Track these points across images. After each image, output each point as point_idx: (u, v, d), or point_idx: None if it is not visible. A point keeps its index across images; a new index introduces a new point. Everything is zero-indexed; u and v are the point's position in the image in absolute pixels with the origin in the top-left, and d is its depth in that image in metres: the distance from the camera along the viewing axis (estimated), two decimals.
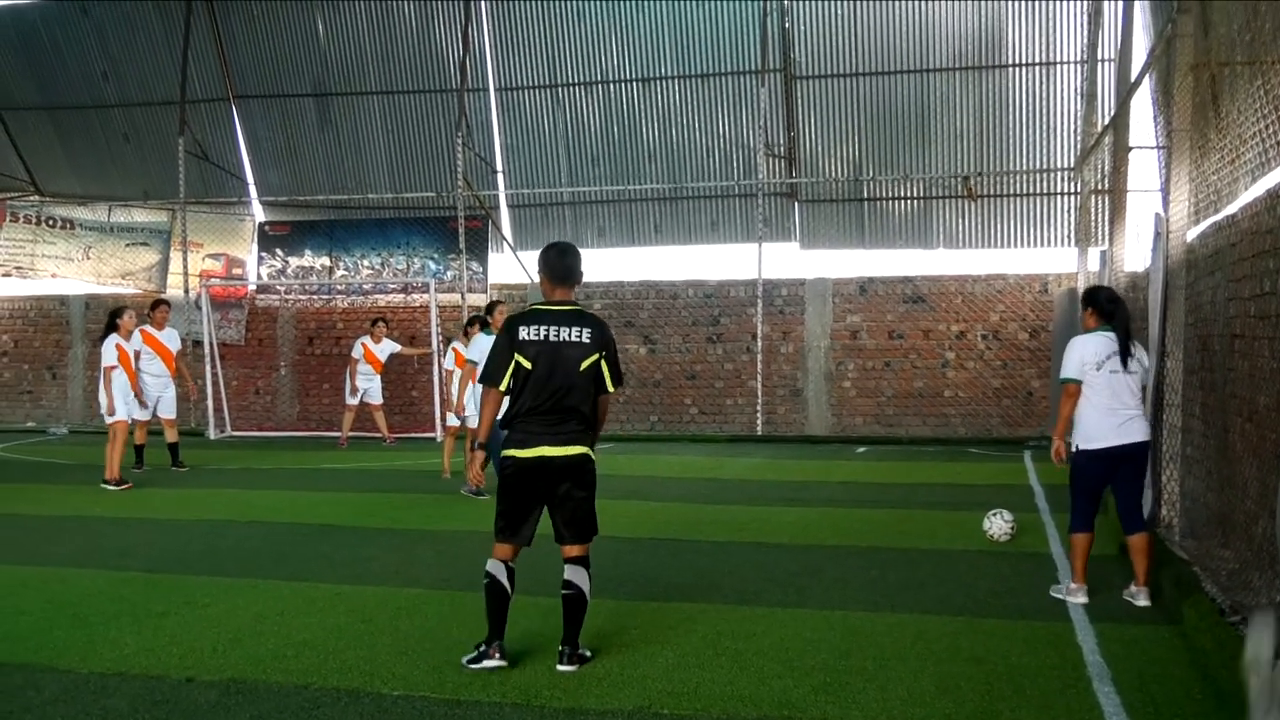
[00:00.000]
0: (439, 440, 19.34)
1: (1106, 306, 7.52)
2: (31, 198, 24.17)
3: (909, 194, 20.52)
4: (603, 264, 22.07)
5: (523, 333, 5.81)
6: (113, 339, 14.03)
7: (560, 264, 5.98)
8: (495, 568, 5.82)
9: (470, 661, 5.76)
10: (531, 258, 20.55)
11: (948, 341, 19.65)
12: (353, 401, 18.85)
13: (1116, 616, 6.89)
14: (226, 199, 23.18)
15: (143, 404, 14.28)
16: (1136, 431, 7.40)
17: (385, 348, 18.93)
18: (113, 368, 13.85)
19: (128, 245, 23.66)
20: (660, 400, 20.84)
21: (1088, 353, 7.42)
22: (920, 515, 11.09)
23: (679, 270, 21.57)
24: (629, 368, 20.73)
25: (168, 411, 14.90)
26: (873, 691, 5.43)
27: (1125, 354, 7.35)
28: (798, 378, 20.33)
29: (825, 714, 5.12)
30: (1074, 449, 7.57)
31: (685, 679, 5.63)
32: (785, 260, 20.94)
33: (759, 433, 20.01)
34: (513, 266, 21.81)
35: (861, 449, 18.29)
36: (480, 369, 6.52)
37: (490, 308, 12.84)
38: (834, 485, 13.57)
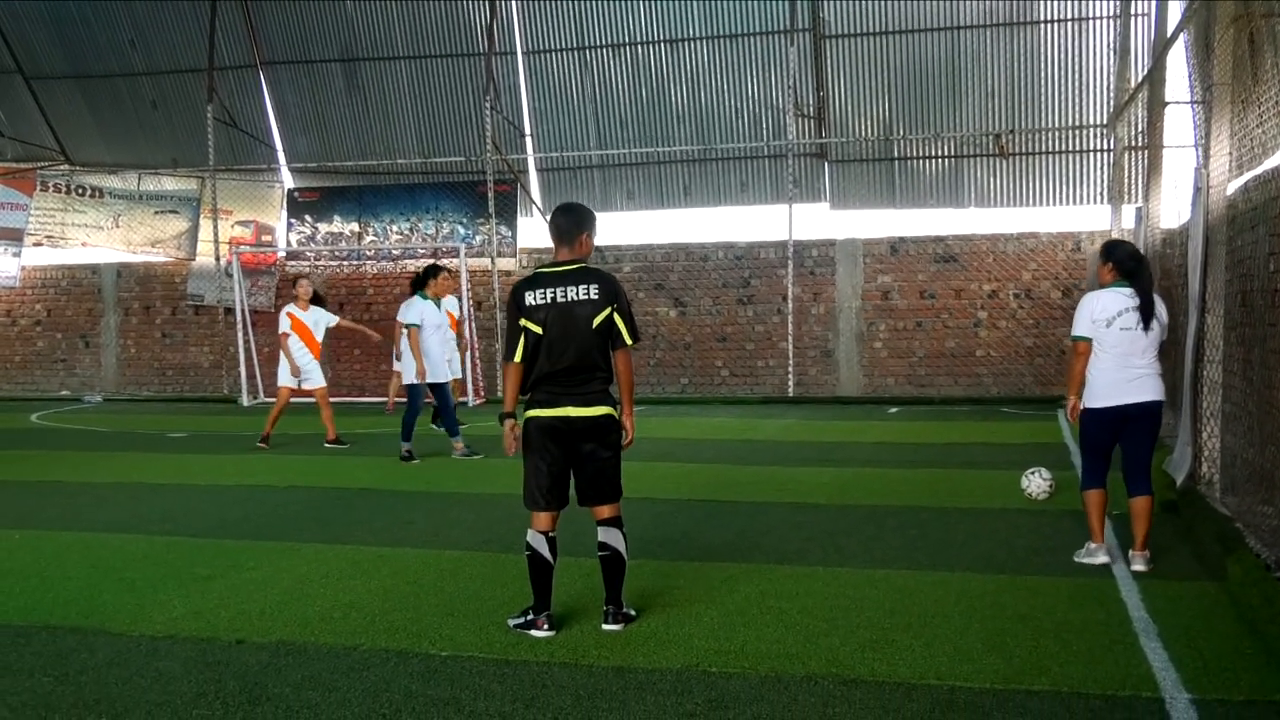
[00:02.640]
0: (470, 406, 19.42)
1: (1128, 264, 7.14)
2: (61, 167, 24.27)
3: (940, 153, 20.37)
4: (632, 227, 22.07)
5: (529, 298, 5.76)
6: (287, 307, 14.52)
7: (562, 222, 5.90)
8: (536, 540, 5.79)
9: (517, 626, 5.78)
10: None
11: (980, 301, 19.54)
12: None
13: (1160, 573, 6.84)
14: (255, 166, 23.20)
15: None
16: (1148, 390, 7.10)
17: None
18: (286, 335, 14.20)
19: (157, 213, 23.74)
20: (691, 362, 20.82)
21: (1098, 309, 7.10)
22: (956, 475, 11.06)
23: (709, 232, 21.44)
24: (659, 330, 20.72)
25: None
26: (919, 648, 5.42)
27: (1147, 313, 7.00)
28: (829, 339, 20.27)
29: (874, 671, 5.11)
30: (1084, 407, 7.29)
31: (731, 638, 5.63)
32: (815, 221, 20.87)
33: (790, 394, 19.98)
34: (541, 231, 21.77)
35: (894, 409, 18.24)
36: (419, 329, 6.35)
37: (429, 272, 12.83)
38: (868, 446, 13.54)
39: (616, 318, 5.81)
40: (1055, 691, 4.83)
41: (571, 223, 5.90)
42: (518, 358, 5.79)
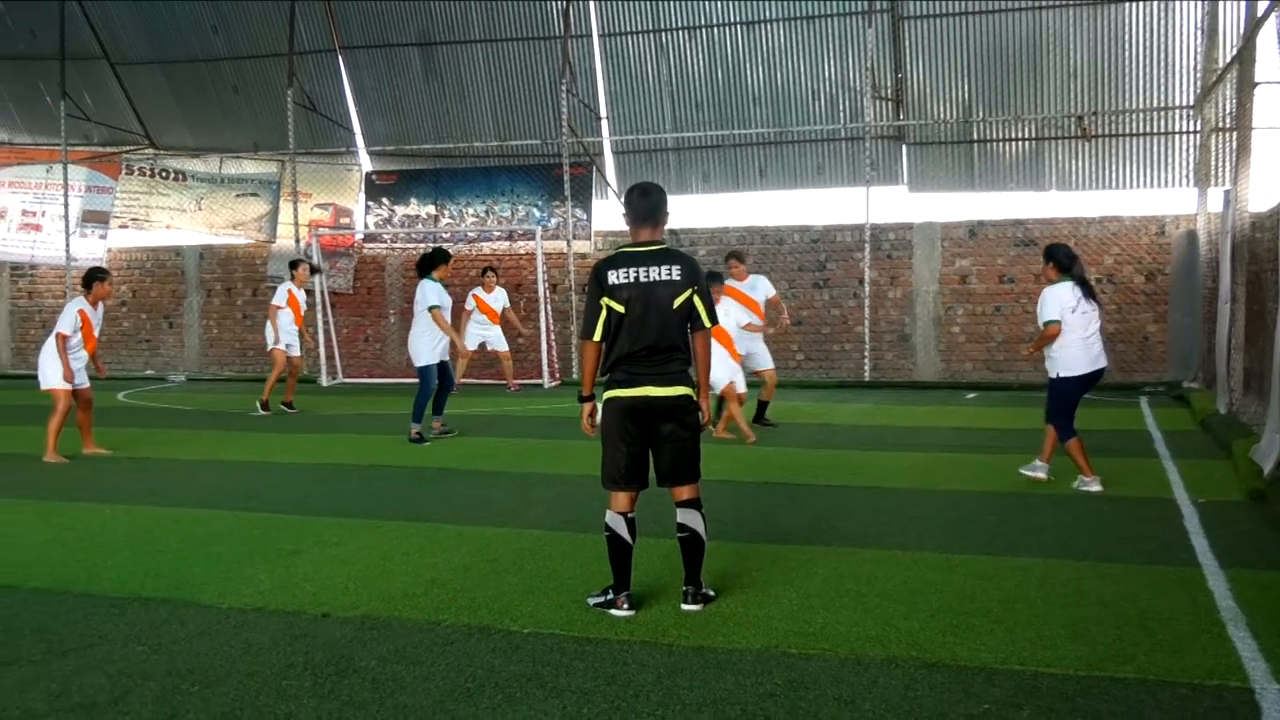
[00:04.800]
0: (545, 387, 19.54)
1: (1065, 261, 9.23)
2: (146, 151, 24.69)
3: (1020, 135, 20.09)
4: (707, 210, 22.05)
5: (611, 277, 5.76)
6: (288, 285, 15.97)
7: (644, 203, 5.92)
8: (615, 521, 5.81)
9: (596, 604, 5.82)
10: None
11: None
12: (471, 348, 18.42)
13: (1248, 561, 6.74)
14: (334, 149, 23.43)
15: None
16: (1101, 359, 9.41)
17: (498, 297, 18.91)
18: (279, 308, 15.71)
19: (238, 196, 24.09)
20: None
21: (1063, 300, 9.14)
22: None
23: (784, 215, 21.32)
24: None
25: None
26: (1000, 634, 5.39)
27: (1090, 295, 9.17)
28: (905, 323, 20.12)
29: (955, 655, 5.09)
30: (1056, 376, 9.36)
31: (810, 619, 5.63)
32: (893, 204, 20.76)
33: (866, 379, 19.86)
34: (617, 213, 21.81)
35: (971, 395, 18.07)
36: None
37: (440, 256, 12.98)
38: (946, 431, 13.44)
39: (696, 300, 5.82)
40: (1140, 679, 4.78)
41: (653, 204, 5.92)
42: (597, 336, 5.80)
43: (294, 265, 16.48)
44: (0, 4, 23.89)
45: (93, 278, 11.90)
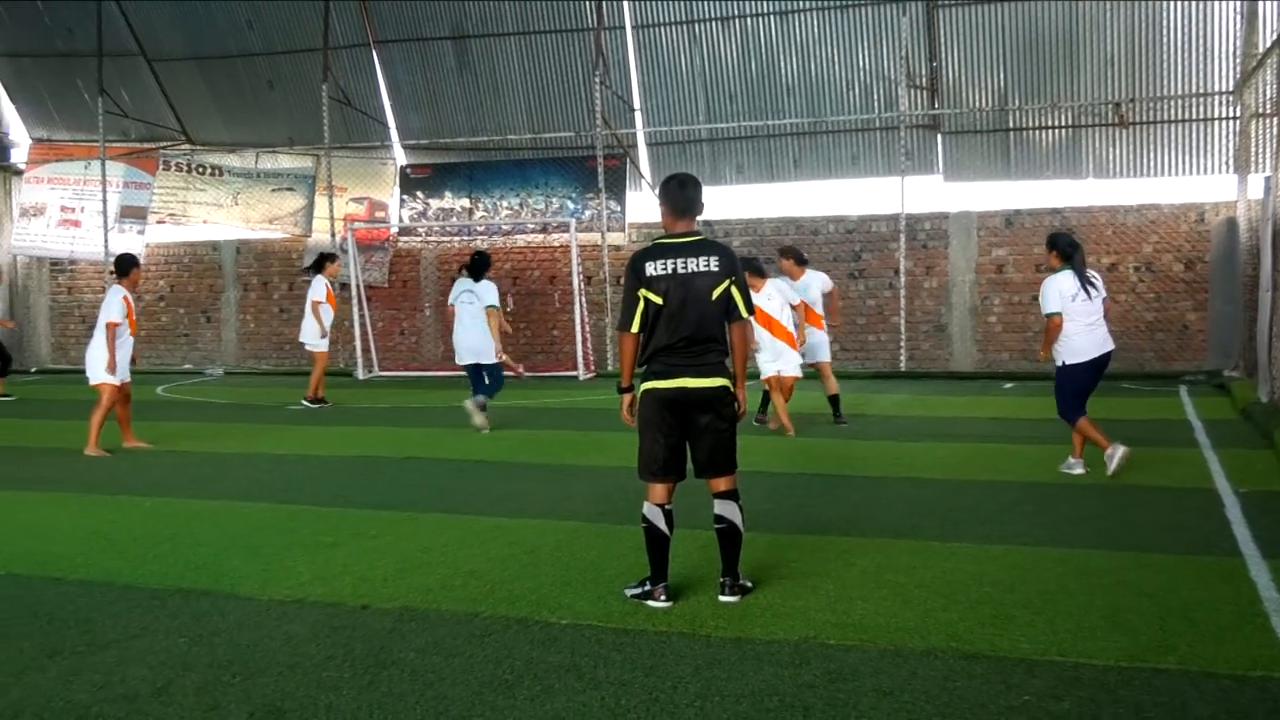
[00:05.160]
0: (580, 379, 19.56)
1: (1067, 250, 9.45)
2: (183, 146, 24.86)
3: (1057, 123, 19.93)
4: (742, 201, 21.92)
5: (649, 269, 5.75)
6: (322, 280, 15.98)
7: (681, 195, 5.90)
8: (652, 513, 5.80)
9: (634, 596, 5.83)
10: None
11: (1098, 274, 19.09)
12: None
13: None
14: (369, 143, 23.51)
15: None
16: (1107, 343, 9.52)
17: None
18: (320, 302, 15.71)
19: (274, 190, 24.23)
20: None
21: (1064, 288, 9.31)
22: None
23: (819, 206, 21.25)
24: None
25: None
26: (1041, 624, 5.35)
27: (1086, 285, 9.29)
28: (941, 313, 20.02)
29: (994, 646, 5.06)
30: (1061, 363, 9.51)
31: (848, 610, 5.61)
32: (928, 193, 20.56)
33: (902, 369, 19.78)
34: (651, 205, 21.78)
35: (1009, 385, 17.96)
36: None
37: (487, 258, 13.35)
38: (983, 421, 13.37)
39: (734, 290, 5.81)
40: (1183, 670, 4.73)
41: (691, 196, 5.91)
42: (635, 328, 5.79)
43: (329, 259, 16.49)
44: (39, 3, 24.11)
45: (131, 264, 11.96)
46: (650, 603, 5.71)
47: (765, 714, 4.33)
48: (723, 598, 5.78)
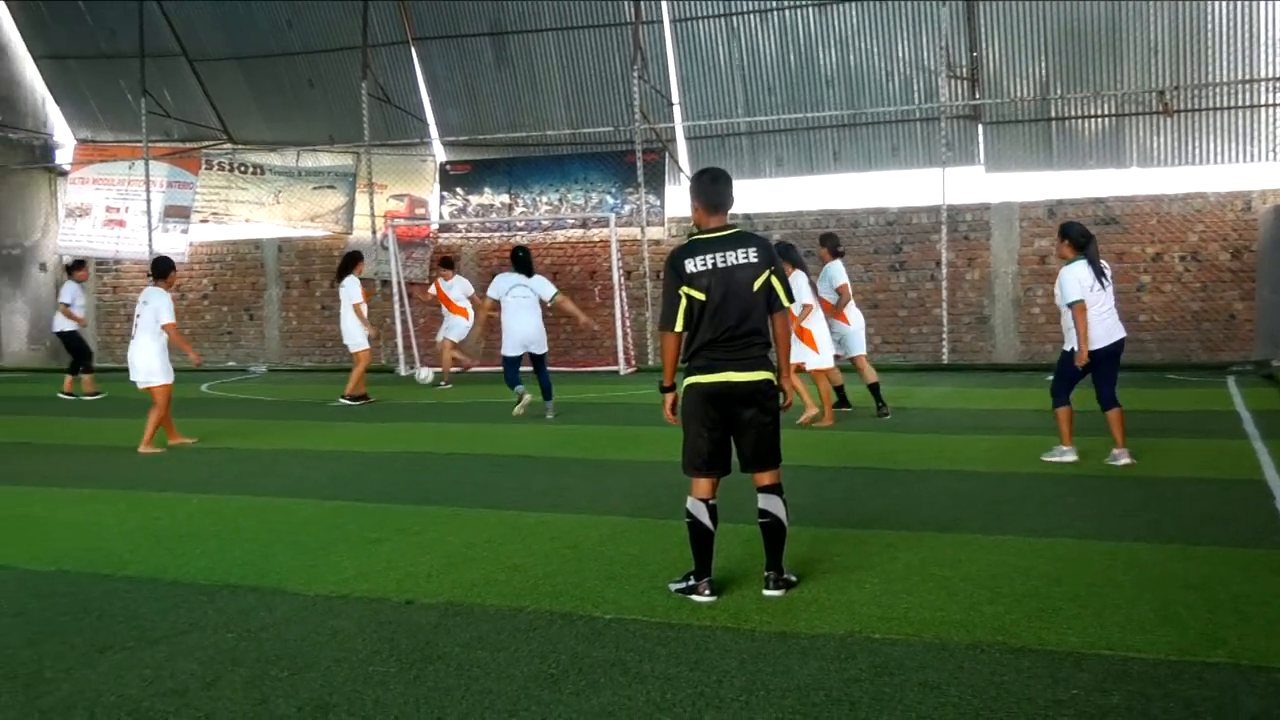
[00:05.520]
0: (621, 374, 19.57)
1: (1080, 240, 9.43)
2: (224, 145, 25.06)
3: (1100, 111, 19.76)
4: (781, 193, 21.86)
5: (689, 265, 5.73)
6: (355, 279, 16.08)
7: (715, 190, 5.89)
8: (696, 508, 5.78)
9: (678, 590, 5.81)
10: None
11: (1143, 264, 18.97)
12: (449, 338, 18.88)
13: None
14: (408, 140, 23.61)
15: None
16: (1118, 331, 9.51)
17: (455, 285, 18.82)
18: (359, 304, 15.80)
19: (315, 188, 24.38)
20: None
21: (1081, 278, 9.27)
22: None
23: (859, 198, 21.14)
24: None
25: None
26: (1088, 618, 5.30)
27: (1101, 275, 9.32)
28: (984, 304, 19.89)
29: (1041, 640, 5.02)
30: (1071, 349, 9.49)
31: (893, 604, 5.59)
32: (969, 184, 20.44)
33: (944, 361, 19.67)
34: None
35: (1052, 376, 17.77)
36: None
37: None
38: (1026, 413, 13.25)
39: (774, 280, 5.80)
40: (1234, 664, 4.67)
41: (725, 190, 5.91)
42: (679, 326, 5.77)
43: (358, 259, 16.63)
44: (81, 4, 24.36)
45: (170, 267, 12.10)
46: (694, 597, 5.70)
47: (811, 708, 4.31)
48: (767, 592, 5.77)
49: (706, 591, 5.71)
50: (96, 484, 9.70)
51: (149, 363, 11.73)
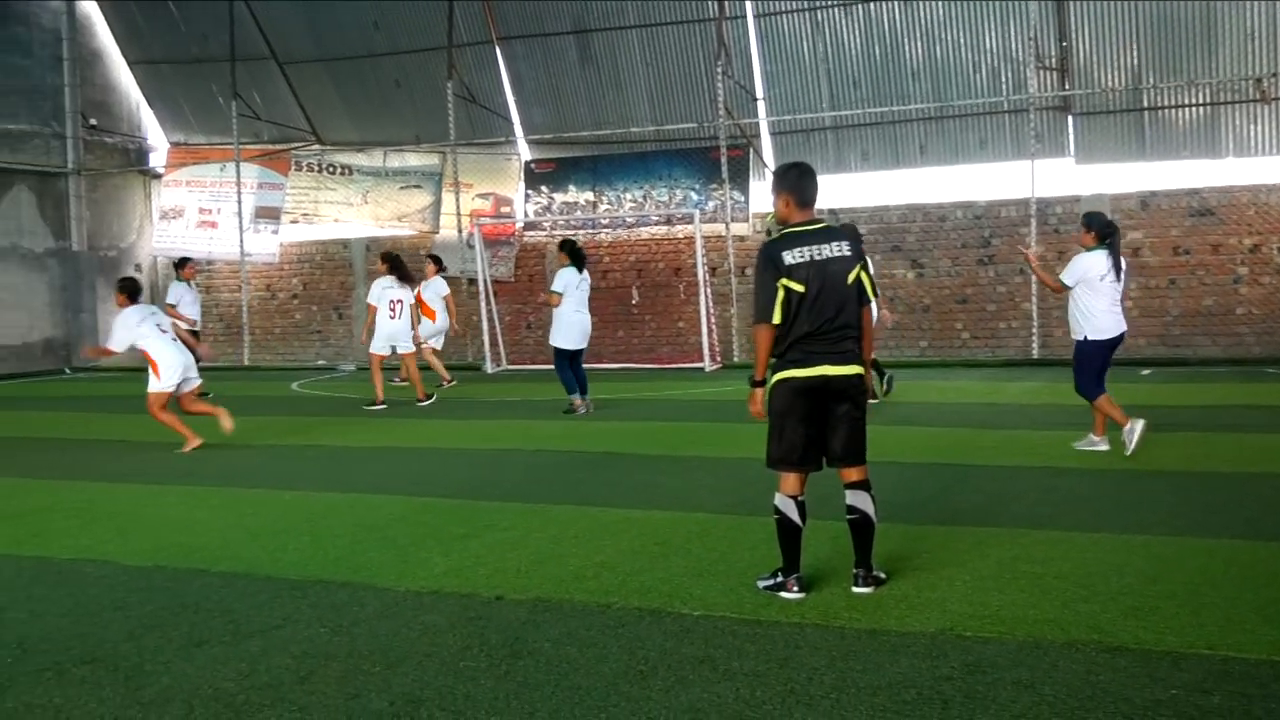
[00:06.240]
0: (707, 370, 19.54)
1: (1105, 231, 9.66)
2: (313, 147, 25.42)
3: (1194, 101, 19.34)
4: (867, 188, 21.68)
5: (788, 257, 5.68)
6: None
7: (805, 185, 5.85)
8: (785, 504, 5.74)
9: (766, 587, 5.78)
10: None
11: (1240, 256, 18.53)
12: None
13: None
14: (493, 139, 23.77)
15: None
16: (1123, 324, 9.85)
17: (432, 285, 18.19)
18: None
19: (402, 188, 24.63)
20: (930, 325, 20.43)
21: (1096, 267, 9.53)
22: (1217, 439, 10.56)
23: (947, 191, 20.94)
24: (896, 293, 20.40)
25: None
26: (1186, 617, 5.19)
27: (1119, 269, 9.58)
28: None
29: (1138, 639, 4.92)
30: (1084, 338, 9.77)
31: (985, 602, 5.51)
32: (1059, 177, 20.13)
33: (1034, 356, 19.38)
34: None
35: (1146, 371, 17.48)
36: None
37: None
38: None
39: (864, 275, 5.77)
40: None
41: (814, 185, 5.89)
42: (777, 318, 5.70)
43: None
44: (174, 10, 24.85)
45: (124, 287, 12.16)
46: (783, 594, 5.67)
47: (902, 706, 4.27)
48: (856, 589, 5.72)
49: (795, 588, 5.67)
50: (191, 481, 9.88)
51: (180, 363, 11.80)
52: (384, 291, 15.30)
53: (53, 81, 25.23)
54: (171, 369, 11.60)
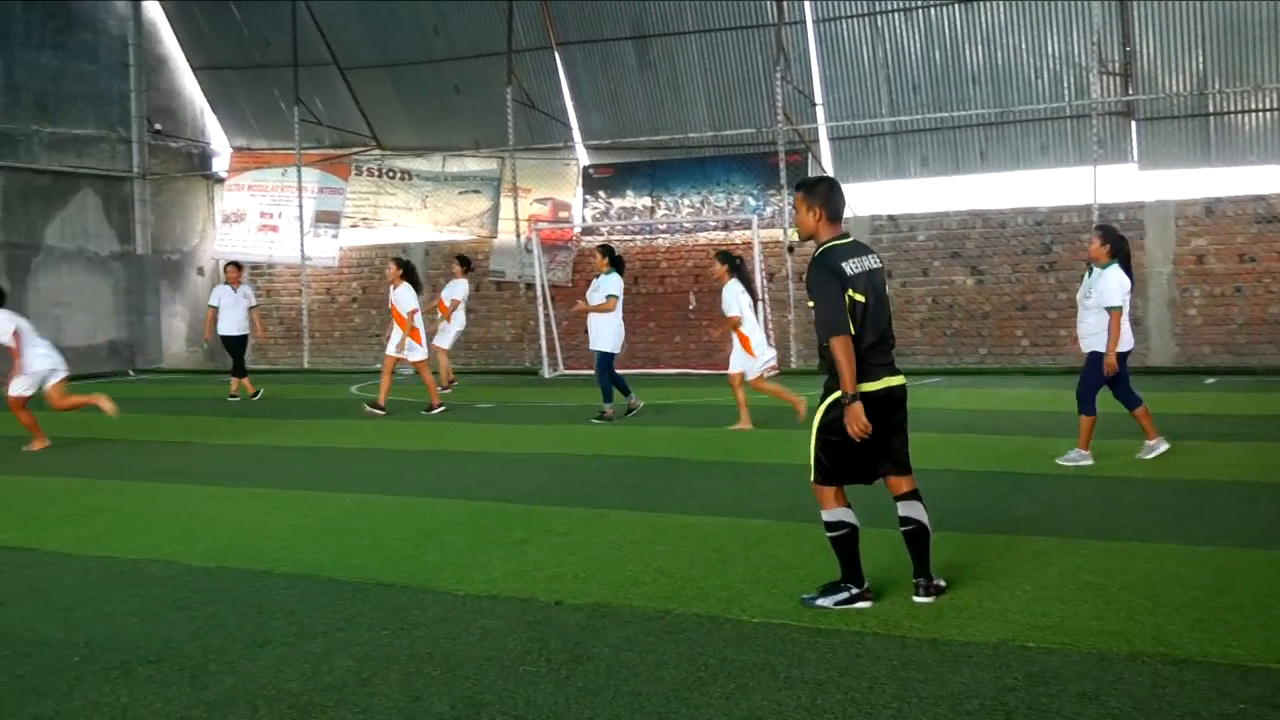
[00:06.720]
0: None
1: (1122, 246, 9.64)
2: (373, 152, 25.62)
3: (1261, 105, 19.03)
4: (926, 194, 21.52)
5: (847, 268, 5.65)
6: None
7: (834, 198, 5.82)
8: (843, 514, 5.67)
9: (838, 604, 5.62)
10: (854, 190, 20.26)
11: None
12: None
13: None
14: (552, 144, 23.83)
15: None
16: (1133, 338, 10.03)
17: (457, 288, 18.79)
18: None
19: (461, 193, 24.77)
20: (990, 332, 20.26)
21: (1125, 282, 9.59)
22: None
23: (1007, 198, 20.70)
24: (955, 300, 20.26)
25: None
26: (1254, 629, 5.12)
27: (1132, 284, 9.67)
28: (1138, 306, 19.30)
29: (1205, 651, 4.85)
30: (1097, 351, 9.70)
31: (1047, 612, 5.46)
32: (1122, 183, 19.88)
33: None
34: None
35: (1210, 380, 17.26)
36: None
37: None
38: (1184, 418, 12.82)
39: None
40: None
41: (843, 199, 5.91)
42: (854, 328, 5.59)
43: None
44: (238, 15, 25.16)
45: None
46: (859, 604, 5.60)
47: (964, 717, 4.24)
48: (917, 598, 5.68)
49: (871, 598, 5.64)
50: (253, 482, 9.99)
51: None
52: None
53: (119, 87, 25.61)
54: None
